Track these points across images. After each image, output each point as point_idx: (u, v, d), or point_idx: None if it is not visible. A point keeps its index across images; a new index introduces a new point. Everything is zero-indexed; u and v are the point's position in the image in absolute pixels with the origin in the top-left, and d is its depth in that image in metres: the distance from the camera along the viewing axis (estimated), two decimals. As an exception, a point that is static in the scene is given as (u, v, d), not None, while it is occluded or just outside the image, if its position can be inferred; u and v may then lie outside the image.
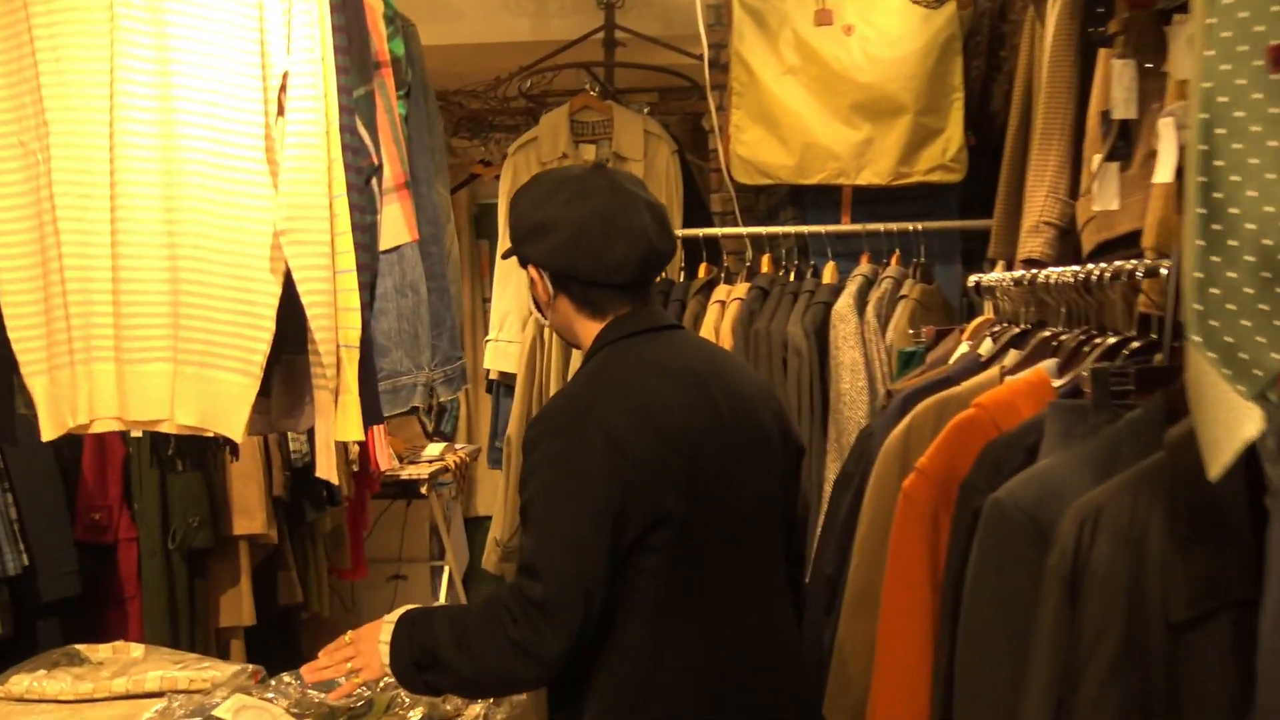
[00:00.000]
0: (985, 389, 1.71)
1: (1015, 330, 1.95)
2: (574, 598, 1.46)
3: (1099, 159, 1.58)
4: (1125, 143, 1.50)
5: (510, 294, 3.44)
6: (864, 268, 2.80)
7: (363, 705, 1.81)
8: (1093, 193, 1.59)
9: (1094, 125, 1.83)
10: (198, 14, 1.58)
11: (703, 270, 3.01)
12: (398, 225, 1.75)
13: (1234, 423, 0.88)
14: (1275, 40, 0.85)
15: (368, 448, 4.08)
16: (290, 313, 1.59)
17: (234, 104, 1.56)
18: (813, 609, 1.99)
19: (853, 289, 2.70)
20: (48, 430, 1.63)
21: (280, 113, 1.55)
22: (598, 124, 3.36)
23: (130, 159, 1.54)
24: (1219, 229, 0.87)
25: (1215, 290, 0.88)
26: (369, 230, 1.66)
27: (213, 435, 1.59)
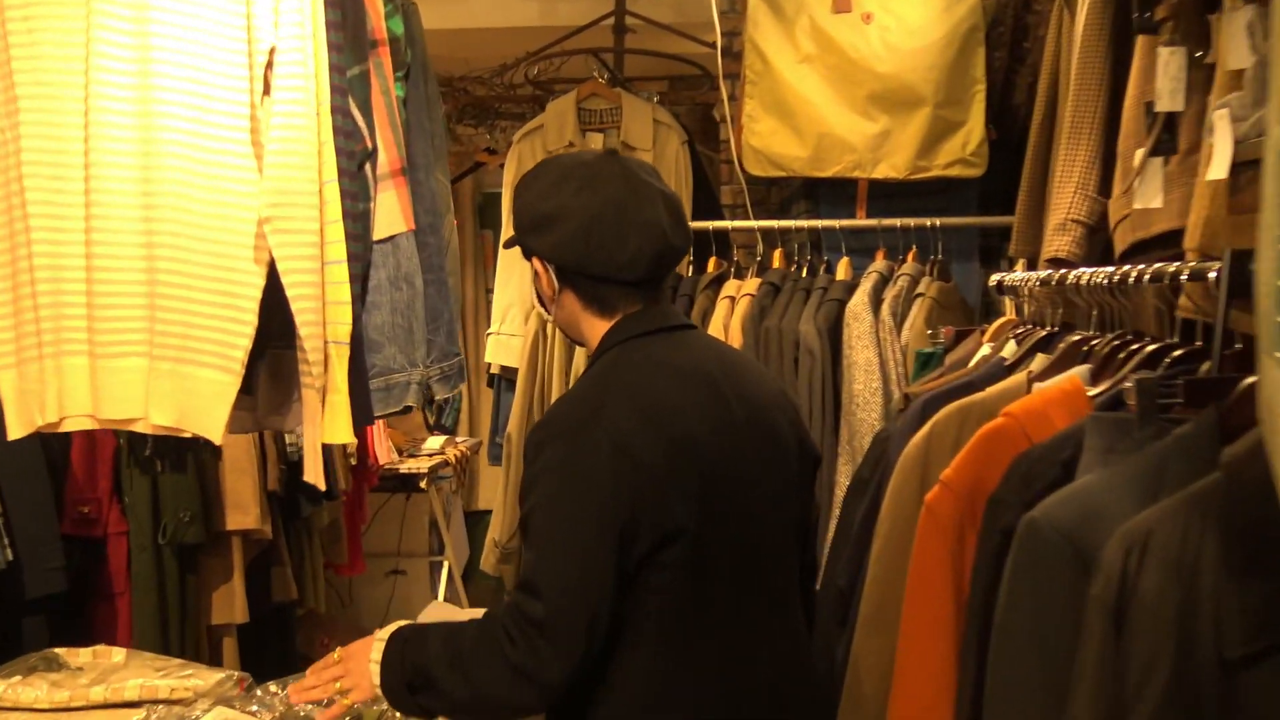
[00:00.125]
0: (1011, 396, 1.62)
1: (1041, 333, 1.85)
2: (577, 618, 1.36)
3: (1141, 154, 1.48)
4: (1170, 136, 1.40)
5: (513, 286, 3.36)
6: (879, 264, 2.71)
7: None
8: (1133, 190, 1.50)
9: (1130, 119, 1.74)
10: (179, -16, 1.47)
11: (712, 264, 2.92)
12: (393, 214, 1.65)
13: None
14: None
15: (366, 441, 4.04)
16: (277, 303, 1.50)
17: (217, 81, 1.46)
18: (824, 620, 1.91)
19: (867, 286, 2.60)
20: (14, 428, 1.54)
21: (267, 92, 1.45)
22: (606, 112, 3.27)
23: (106, 139, 1.45)
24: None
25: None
26: (362, 219, 1.56)
27: (190, 436, 1.50)
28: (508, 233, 3.26)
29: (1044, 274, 1.88)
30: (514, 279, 3.37)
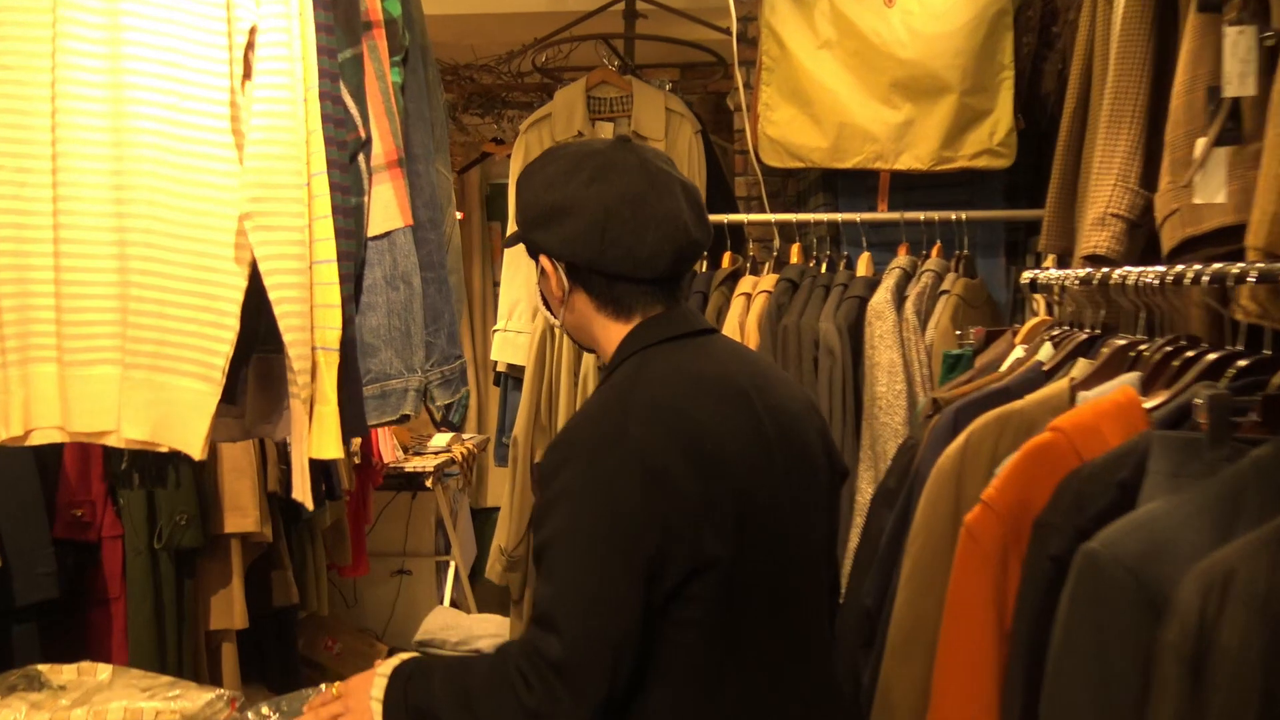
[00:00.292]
0: (1053, 405, 1.51)
1: (1081, 336, 1.74)
2: (599, 659, 1.23)
3: (1203, 144, 1.36)
4: (1235, 124, 1.28)
5: (520, 281, 3.25)
6: (902, 260, 2.59)
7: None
8: (1194, 184, 1.38)
9: (1179, 105, 1.62)
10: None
11: (726, 260, 2.80)
12: (389, 208, 1.54)
13: None
14: None
15: (371, 439, 3.93)
16: (262, 304, 1.38)
17: (193, 64, 1.34)
18: (848, 640, 1.80)
19: (890, 283, 2.49)
20: (-24, 441, 1.43)
21: (248, 75, 1.34)
22: (616, 100, 3.15)
23: (75, 126, 1.33)
24: None
25: None
26: (354, 214, 1.45)
27: (168, 450, 1.39)
28: (513, 228, 3.17)
29: (1084, 272, 1.76)
30: (521, 273, 3.26)
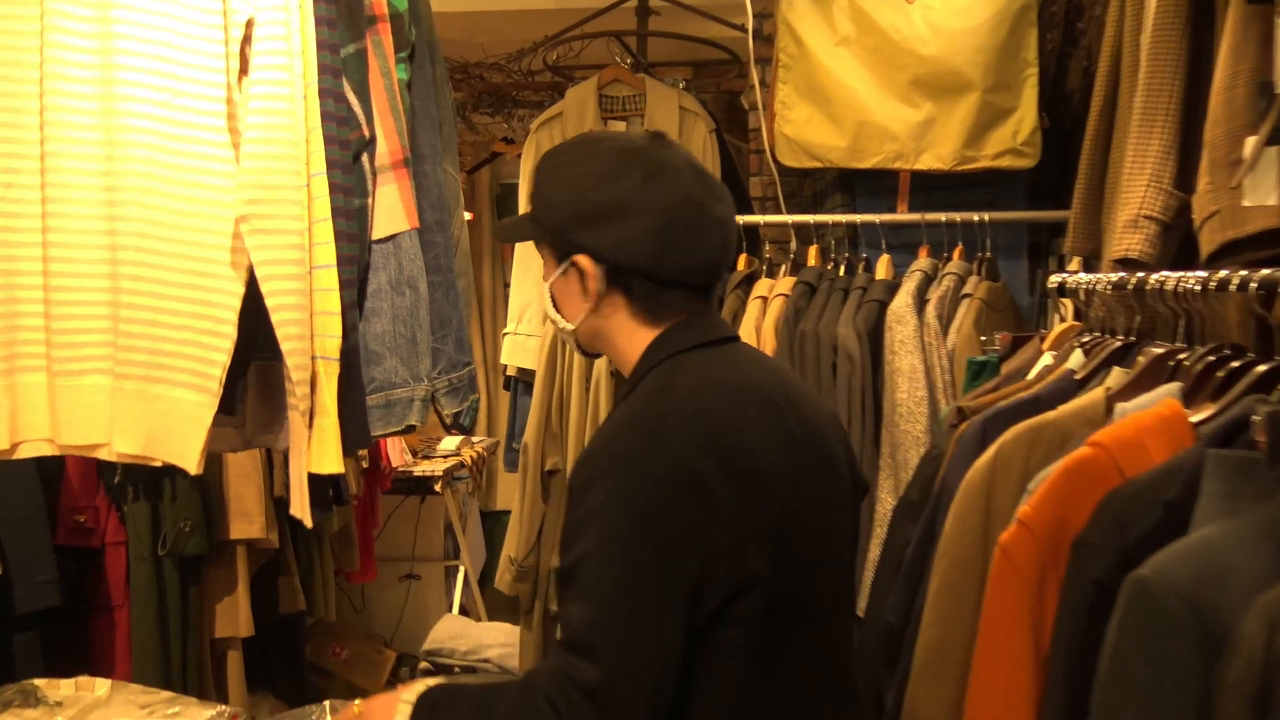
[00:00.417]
0: (1088, 417, 1.44)
1: (1114, 343, 1.67)
2: (639, 686, 1.16)
3: (1254, 142, 1.29)
4: (1287, 122, 1.21)
5: (530, 283, 3.19)
6: (923, 262, 2.52)
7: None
8: (1243, 185, 1.31)
9: (1220, 103, 1.55)
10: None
11: (742, 262, 2.74)
12: (394, 210, 1.48)
13: None
14: None
15: (379, 443, 3.87)
16: (261, 310, 1.32)
17: (188, 58, 1.27)
18: (870, 658, 1.74)
19: (911, 286, 2.42)
20: (-38, 454, 1.36)
21: (245, 71, 1.27)
22: (629, 99, 3.09)
23: (64, 125, 1.27)
24: None
25: None
26: (357, 216, 1.39)
27: (161, 464, 1.33)
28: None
29: (1117, 276, 1.69)
30: (531, 275, 3.20)
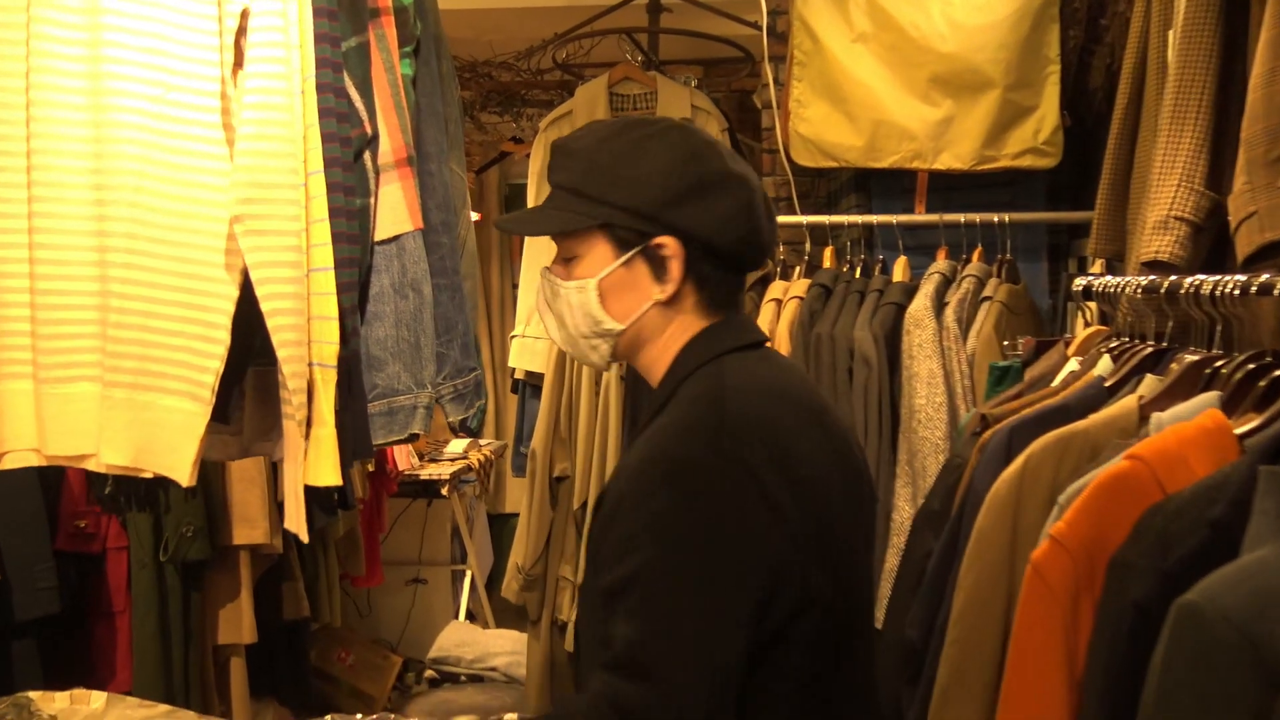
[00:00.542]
0: (1121, 427, 1.38)
1: (1145, 349, 1.61)
2: (697, 711, 1.08)
3: (1301, 140, 1.23)
4: (1336, 119, 1.15)
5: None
6: (941, 264, 2.46)
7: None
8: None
9: (1258, 99, 1.49)
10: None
11: (755, 263, 2.68)
12: (397, 211, 1.42)
13: None
14: None
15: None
16: (257, 315, 1.27)
17: (180, 50, 1.22)
18: (890, 673, 1.68)
19: (929, 289, 2.36)
20: (-57, 465, 1.31)
21: (239, 63, 1.22)
22: (640, 97, 3.03)
23: (52, 120, 1.22)
24: None
25: None
26: (359, 216, 1.33)
27: (152, 476, 1.28)
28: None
29: (1147, 279, 1.63)
30: (540, 276, 3.14)
